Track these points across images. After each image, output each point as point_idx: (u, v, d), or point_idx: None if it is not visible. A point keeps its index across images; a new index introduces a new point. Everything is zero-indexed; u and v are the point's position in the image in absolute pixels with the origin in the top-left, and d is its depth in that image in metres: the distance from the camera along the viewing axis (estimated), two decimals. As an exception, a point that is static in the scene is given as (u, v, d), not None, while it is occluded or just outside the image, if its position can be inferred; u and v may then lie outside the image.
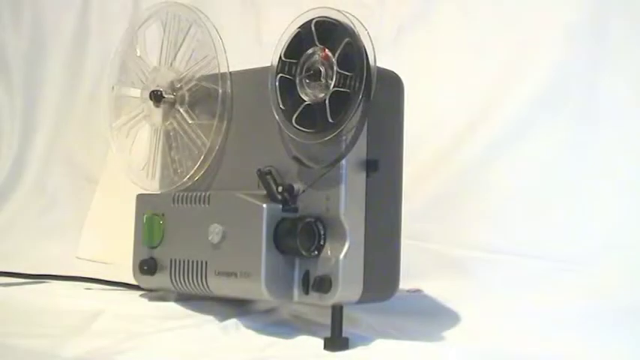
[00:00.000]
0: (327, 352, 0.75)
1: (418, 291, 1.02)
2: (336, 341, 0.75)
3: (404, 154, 0.82)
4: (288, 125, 0.78)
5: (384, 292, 0.81)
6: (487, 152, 1.09)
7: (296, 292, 0.78)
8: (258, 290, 0.77)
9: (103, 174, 1.34)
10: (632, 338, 0.84)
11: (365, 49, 0.74)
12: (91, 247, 1.29)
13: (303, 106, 0.77)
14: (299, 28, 0.78)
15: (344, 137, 0.76)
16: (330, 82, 0.76)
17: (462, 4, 1.16)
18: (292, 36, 0.79)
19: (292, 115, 0.77)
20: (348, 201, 0.76)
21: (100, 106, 1.18)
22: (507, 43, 1.11)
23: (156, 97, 0.90)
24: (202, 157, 0.87)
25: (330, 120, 0.75)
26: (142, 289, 0.95)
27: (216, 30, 0.87)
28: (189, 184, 0.88)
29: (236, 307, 0.88)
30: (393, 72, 0.82)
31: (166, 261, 0.86)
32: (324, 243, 0.77)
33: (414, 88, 0.85)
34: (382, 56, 0.76)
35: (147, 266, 0.87)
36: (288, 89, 0.78)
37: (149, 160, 0.94)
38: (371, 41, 0.74)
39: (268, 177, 0.80)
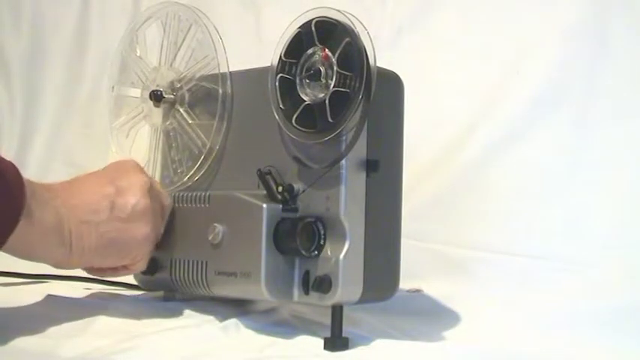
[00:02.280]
0: (327, 352, 0.75)
1: (418, 291, 1.02)
2: (336, 341, 0.75)
3: (404, 154, 0.82)
4: (288, 125, 0.78)
5: (384, 292, 0.81)
6: (487, 152, 1.09)
7: (296, 292, 0.78)
8: (258, 290, 0.77)
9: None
10: (633, 338, 0.84)
11: (365, 49, 0.74)
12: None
13: (303, 106, 0.77)
14: (299, 28, 0.78)
15: (344, 137, 0.76)
16: (330, 82, 0.76)
17: (462, 4, 1.16)
18: (292, 36, 0.79)
19: (292, 115, 0.77)
20: (348, 201, 0.76)
21: (100, 106, 1.18)
22: (507, 43, 1.10)
23: (156, 97, 0.90)
24: (202, 158, 0.87)
25: (330, 120, 0.75)
26: (142, 289, 0.95)
27: (216, 30, 0.87)
28: (189, 184, 0.88)
29: (236, 307, 0.88)
30: (393, 72, 0.82)
31: (166, 261, 0.86)
32: (324, 243, 0.77)
33: (414, 88, 0.85)
34: (382, 56, 0.76)
35: (147, 266, 0.87)
36: (288, 89, 0.78)
37: (149, 160, 0.94)
38: (371, 41, 0.74)
39: (268, 177, 0.80)
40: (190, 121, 0.89)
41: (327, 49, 0.76)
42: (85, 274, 1.01)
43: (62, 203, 0.78)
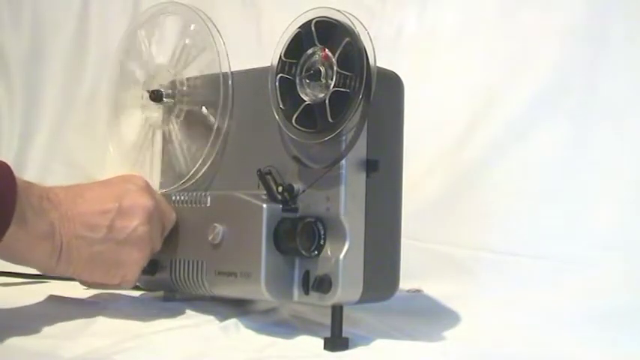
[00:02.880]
0: (327, 352, 0.75)
1: (418, 291, 1.02)
2: (336, 341, 0.75)
3: (404, 154, 0.82)
4: (288, 125, 0.78)
5: (384, 292, 0.81)
6: (487, 152, 1.09)
7: (296, 292, 0.78)
8: (258, 290, 0.77)
9: (103, 174, 1.34)
10: (633, 338, 0.84)
11: (365, 49, 0.74)
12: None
13: (303, 106, 0.77)
14: (299, 28, 0.78)
15: (344, 137, 0.76)
16: (330, 82, 0.76)
17: (462, 4, 1.16)
18: (292, 36, 0.79)
19: (292, 115, 0.77)
20: (348, 201, 0.76)
21: (100, 106, 1.18)
22: (507, 43, 1.10)
23: (156, 96, 0.90)
24: (202, 157, 0.87)
25: (330, 120, 0.75)
26: (142, 289, 0.95)
27: (217, 30, 0.87)
28: (190, 183, 0.88)
29: (236, 307, 0.88)
30: (393, 72, 0.82)
31: (166, 261, 0.86)
32: (324, 243, 0.77)
33: (414, 88, 0.85)
34: (382, 56, 0.76)
35: (147, 266, 0.87)
36: (288, 89, 0.78)
37: (149, 160, 0.93)
38: (371, 41, 0.74)
39: (268, 177, 0.80)
40: (190, 122, 0.89)
41: (327, 49, 0.76)
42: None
43: (60, 214, 0.78)
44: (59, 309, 0.84)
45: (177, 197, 0.87)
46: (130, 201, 0.82)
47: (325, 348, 0.75)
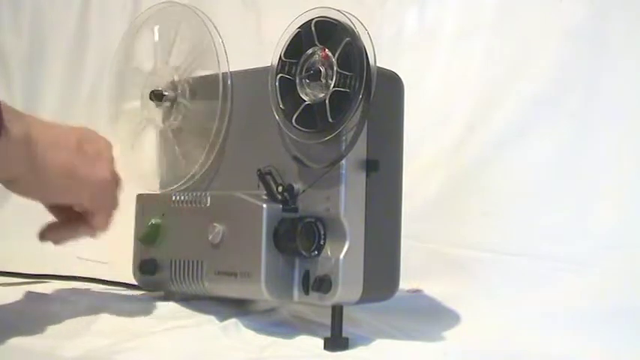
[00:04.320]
0: (327, 352, 0.75)
1: (418, 291, 1.02)
2: (336, 341, 0.76)
3: (404, 154, 0.82)
4: (288, 125, 0.78)
5: (384, 292, 0.81)
6: (487, 152, 1.09)
7: (296, 292, 0.78)
8: (258, 290, 0.77)
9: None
10: (633, 338, 0.84)
11: (365, 49, 0.74)
12: (92, 247, 1.28)
13: (303, 106, 0.77)
14: (299, 28, 0.78)
15: (344, 137, 0.76)
16: (330, 82, 0.76)
17: (462, 4, 1.16)
18: (292, 36, 0.79)
19: (292, 115, 0.78)
20: (348, 201, 0.76)
21: (100, 107, 1.18)
22: (508, 43, 1.11)
23: (156, 96, 0.90)
24: (204, 156, 0.87)
25: (330, 120, 0.75)
26: (142, 289, 0.95)
27: (217, 30, 0.87)
28: (191, 182, 0.88)
29: (236, 307, 0.88)
30: (393, 72, 0.82)
31: (166, 261, 0.86)
32: (324, 243, 0.77)
33: (414, 88, 0.85)
34: (382, 56, 0.76)
35: (147, 266, 0.87)
36: (288, 89, 0.78)
37: (150, 160, 0.93)
38: (371, 41, 0.74)
39: (268, 177, 0.80)
40: (191, 121, 0.89)
41: (326, 49, 0.76)
42: (85, 274, 1.02)
43: (33, 122, 0.78)
44: (60, 309, 0.84)
45: (177, 197, 0.87)
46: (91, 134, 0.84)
47: (325, 348, 0.75)
